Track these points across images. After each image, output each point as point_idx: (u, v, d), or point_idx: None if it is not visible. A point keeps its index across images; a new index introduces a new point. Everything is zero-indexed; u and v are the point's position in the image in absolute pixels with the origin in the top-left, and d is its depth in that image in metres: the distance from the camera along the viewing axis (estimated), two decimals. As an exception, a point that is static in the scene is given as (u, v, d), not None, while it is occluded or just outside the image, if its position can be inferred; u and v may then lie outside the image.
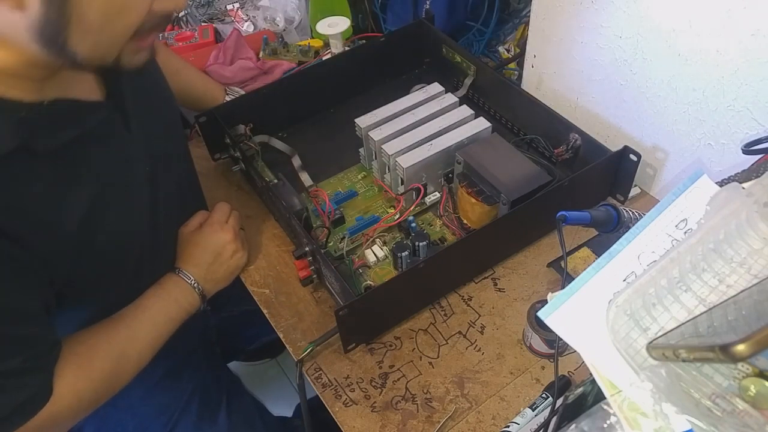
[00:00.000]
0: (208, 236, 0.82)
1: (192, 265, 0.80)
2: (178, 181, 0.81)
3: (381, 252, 0.84)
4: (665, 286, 0.51)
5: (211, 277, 0.81)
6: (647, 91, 0.82)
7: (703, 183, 0.56)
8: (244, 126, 0.95)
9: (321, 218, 0.87)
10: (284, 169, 0.95)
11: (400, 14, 1.22)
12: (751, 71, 0.68)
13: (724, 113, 0.74)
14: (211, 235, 0.82)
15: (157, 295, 0.77)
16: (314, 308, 0.81)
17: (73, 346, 0.67)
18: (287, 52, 1.14)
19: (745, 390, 0.44)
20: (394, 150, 0.85)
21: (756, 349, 0.38)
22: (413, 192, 0.86)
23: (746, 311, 0.45)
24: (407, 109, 0.91)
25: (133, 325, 0.73)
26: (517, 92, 0.95)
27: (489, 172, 0.81)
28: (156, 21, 0.55)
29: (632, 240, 0.54)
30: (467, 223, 0.86)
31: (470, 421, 0.69)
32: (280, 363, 1.59)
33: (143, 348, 0.74)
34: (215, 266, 0.81)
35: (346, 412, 0.71)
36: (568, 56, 0.92)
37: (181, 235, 0.82)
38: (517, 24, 1.18)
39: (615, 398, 0.48)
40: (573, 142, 0.86)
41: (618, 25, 0.81)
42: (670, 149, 0.84)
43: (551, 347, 0.71)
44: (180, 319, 0.78)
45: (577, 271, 0.76)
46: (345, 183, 0.95)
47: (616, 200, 0.88)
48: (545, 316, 0.52)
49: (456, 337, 0.77)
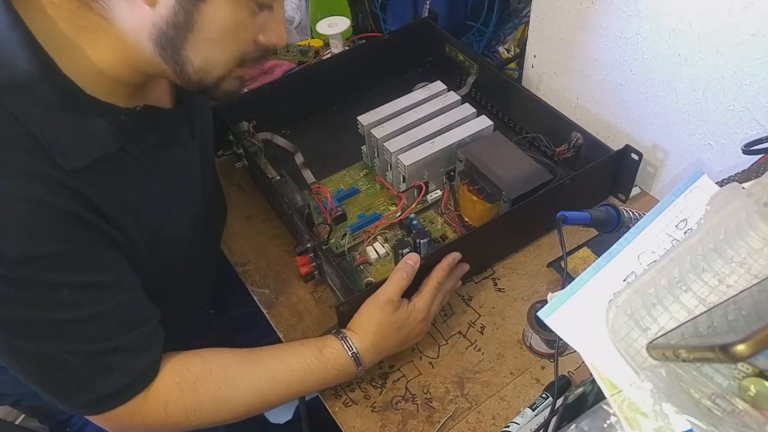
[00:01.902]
0: (415, 327, 0.71)
1: (372, 350, 0.69)
2: (212, 188, 0.83)
3: (382, 249, 0.84)
4: (665, 286, 0.51)
5: (381, 354, 0.71)
6: (647, 91, 0.82)
7: (703, 183, 0.56)
8: (248, 123, 0.96)
9: (323, 215, 0.87)
10: (287, 166, 0.95)
11: (400, 14, 1.22)
12: (751, 71, 0.68)
13: (724, 113, 0.74)
14: (417, 325, 0.71)
15: (307, 346, 0.68)
16: (314, 308, 0.81)
17: (189, 360, 0.65)
18: (287, 52, 1.14)
19: (745, 390, 0.44)
20: (396, 148, 0.85)
21: (756, 349, 0.38)
22: (415, 189, 0.86)
23: (746, 311, 0.45)
24: (409, 107, 0.92)
25: (264, 362, 0.67)
26: (519, 91, 0.95)
27: (490, 170, 0.81)
28: (259, 53, 0.60)
29: (632, 240, 0.54)
30: (468, 221, 0.86)
31: (470, 421, 0.70)
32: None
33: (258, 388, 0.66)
34: (394, 350, 0.72)
35: (346, 412, 0.71)
36: (568, 56, 0.92)
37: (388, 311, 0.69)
38: (517, 24, 1.18)
39: (615, 398, 0.48)
40: (574, 141, 0.87)
41: (618, 25, 0.81)
42: (670, 149, 0.84)
43: (551, 347, 0.71)
44: (323, 381, 0.68)
45: (577, 271, 0.76)
46: (347, 180, 0.95)
47: (617, 199, 0.88)
48: (545, 316, 0.52)
49: (456, 337, 0.77)
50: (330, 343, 0.68)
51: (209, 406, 0.64)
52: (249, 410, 0.66)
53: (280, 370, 0.66)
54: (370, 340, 0.68)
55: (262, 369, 0.66)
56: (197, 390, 0.63)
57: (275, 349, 0.69)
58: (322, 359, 0.67)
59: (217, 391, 0.64)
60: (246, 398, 0.65)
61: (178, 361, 0.64)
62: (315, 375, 0.66)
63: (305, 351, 0.67)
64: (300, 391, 0.67)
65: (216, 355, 0.66)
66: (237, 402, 0.65)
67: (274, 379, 0.66)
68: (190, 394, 0.63)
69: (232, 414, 0.65)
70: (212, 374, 0.64)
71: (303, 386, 0.67)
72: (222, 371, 0.65)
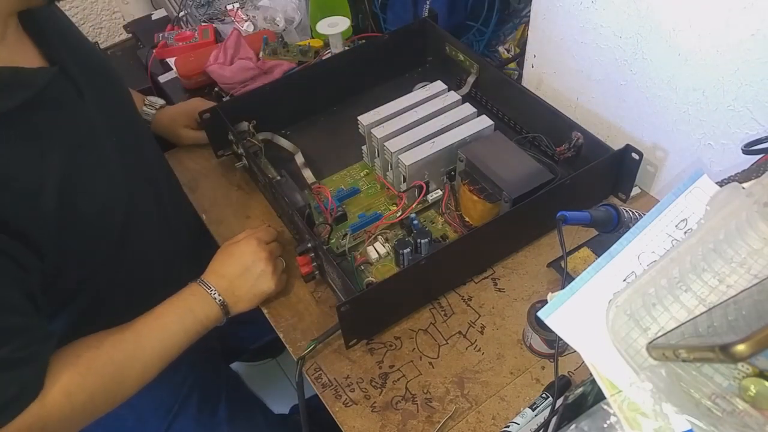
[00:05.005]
0: (243, 247, 0.79)
1: (217, 276, 0.78)
2: (147, 158, 0.82)
3: (383, 249, 0.84)
4: (665, 286, 0.51)
5: (235, 291, 0.77)
6: (647, 91, 0.82)
7: (703, 183, 0.56)
8: (248, 123, 0.96)
9: (323, 215, 0.87)
10: (287, 166, 0.95)
11: (400, 14, 1.22)
12: (751, 71, 0.68)
13: (724, 113, 0.74)
14: (245, 246, 0.79)
15: (171, 303, 0.74)
16: (314, 308, 0.81)
17: (76, 349, 0.66)
18: (287, 52, 1.14)
19: (745, 390, 0.44)
20: (397, 147, 0.85)
21: (756, 349, 0.38)
22: (415, 189, 0.87)
23: (746, 311, 0.45)
24: (410, 107, 0.92)
25: (142, 332, 0.71)
26: (520, 90, 0.95)
27: (491, 170, 0.81)
28: None
29: (632, 240, 0.54)
30: (469, 221, 0.86)
31: (470, 421, 0.70)
32: (280, 363, 1.59)
33: (150, 357, 0.71)
34: (240, 281, 0.78)
35: (346, 412, 0.71)
36: (568, 56, 0.92)
37: (221, 248, 0.81)
38: (517, 24, 1.18)
39: (615, 398, 0.48)
40: (575, 141, 0.87)
41: (618, 25, 0.81)
42: (670, 149, 0.84)
43: (551, 347, 0.71)
44: (196, 331, 0.75)
45: (577, 271, 0.76)
46: (348, 180, 0.95)
47: (617, 199, 0.88)
48: (545, 316, 0.52)
49: (456, 337, 0.77)
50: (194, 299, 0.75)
51: (110, 378, 0.67)
52: (147, 372, 0.71)
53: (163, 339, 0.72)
54: (223, 284, 0.76)
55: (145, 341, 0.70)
56: (94, 367, 0.65)
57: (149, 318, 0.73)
58: (194, 318, 0.74)
59: (114, 362, 0.67)
60: (141, 366, 0.70)
61: (64, 353, 0.65)
62: (190, 333, 0.74)
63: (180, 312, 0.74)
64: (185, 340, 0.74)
65: (97, 337, 0.68)
66: (134, 368, 0.69)
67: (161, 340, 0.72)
68: (90, 373, 0.65)
69: (137, 380, 0.70)
70: (102, 351, 0.67)
71: (187, 338, 0.74)
72: (110, 347, 0.67)
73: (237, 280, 0.77)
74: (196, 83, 1.14)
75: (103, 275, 0.73)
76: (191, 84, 1.14)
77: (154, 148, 0.90)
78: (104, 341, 0.68)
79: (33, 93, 0.60)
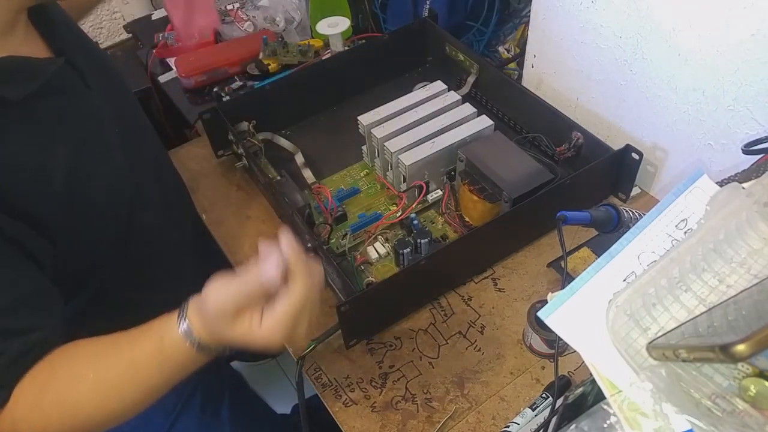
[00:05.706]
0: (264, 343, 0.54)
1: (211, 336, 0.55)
2: (151, 150, 0.82)
3: (383, 249, 0.84)
4: (665, 286, 0.51)
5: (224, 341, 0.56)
6: (647, 91, 0.82)
7: (703, 183, 0.56)
8: (248, 123, 0.96)
9: (323, 215, 0.87)
10: (287, 166, 0.95)
11: (400, 14, 1.22)
12: (751, 71, 0.68)
13: (724, 113, 0.74)
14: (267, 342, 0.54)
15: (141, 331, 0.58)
16: (315, 307, 0.81)
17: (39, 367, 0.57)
18: (287, 52, 1.14)
19: (745, 390, 0.44)
20: (397, 147, 0.85)
21: (756, 349, 0.38)
22: (415, 189, 0.87)
23: (746, 311, 0.45)
24: (410, 107, 0.92)
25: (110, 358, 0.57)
26: (520, 90, 0.95)
27: (491, 170, 0.81)
28: None
29: (632, 240, 0.54)
30: (469, 221, 0.86)
31: (470, 421, 0.70)
32: (280, 363, 1.59)
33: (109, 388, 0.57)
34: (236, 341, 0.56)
35: (346, 412, 0.71)
36: (568, 56, 0.92)
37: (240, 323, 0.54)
38: (517, 24, 1.18)
39: (615, 398, 0.48)
40: (575, 141, 0.87)
41: (618, 25, 0.81)
42: (670, 149, 0.84)
43: (551, 347, 0.71)
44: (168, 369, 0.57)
45: (577, 271, 0.76)
46: (347, 180, 0.95)
47: (617, 199, 0.88)
48: (545, 316, 0.52)
49: (456, 337, 0.77)
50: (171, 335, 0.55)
51: (57, 418, 0.56)
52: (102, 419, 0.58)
53: (123, 367, 0.56)
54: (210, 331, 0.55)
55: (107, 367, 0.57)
56: (42, 402, 0.55)
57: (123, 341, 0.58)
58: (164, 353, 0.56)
59: (63, 402, 0.56)
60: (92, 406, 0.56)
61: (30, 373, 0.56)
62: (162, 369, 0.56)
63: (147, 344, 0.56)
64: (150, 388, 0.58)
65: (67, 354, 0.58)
66: (84, 411, 0.56)
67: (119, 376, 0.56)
68: (36, 408, 0.55)
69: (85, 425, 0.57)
70: (57, 380, 0.56)
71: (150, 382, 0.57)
72: (67, 374, 0.56)
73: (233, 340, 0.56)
74: (196, 83, 1.14)
75: (109, 266, 0.73)
76: (191, 84, 1.14)
77: (157, 141, 0.90)
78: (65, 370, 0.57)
79: (41, 82, 0.62)
